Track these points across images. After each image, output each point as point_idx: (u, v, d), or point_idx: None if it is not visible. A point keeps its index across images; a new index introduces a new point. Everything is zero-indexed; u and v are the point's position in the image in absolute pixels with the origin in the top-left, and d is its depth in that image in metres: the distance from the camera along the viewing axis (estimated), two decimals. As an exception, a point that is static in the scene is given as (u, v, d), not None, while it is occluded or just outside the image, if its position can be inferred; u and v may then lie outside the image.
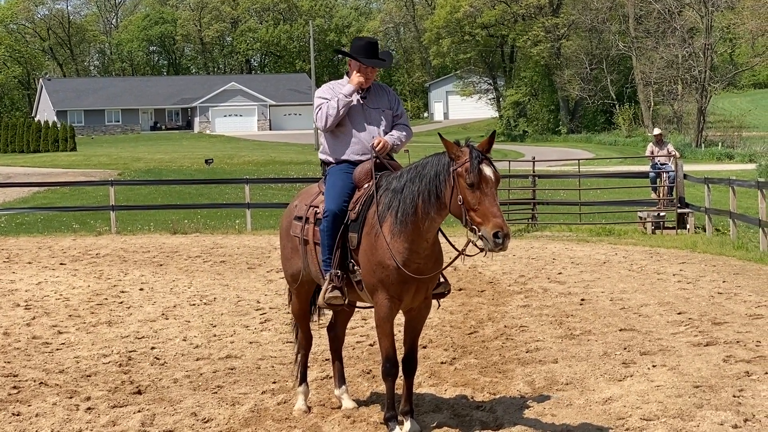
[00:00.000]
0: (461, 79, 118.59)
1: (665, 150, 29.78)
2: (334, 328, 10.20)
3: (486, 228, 8.09)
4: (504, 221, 8.15)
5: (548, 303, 15.99)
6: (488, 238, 8.07)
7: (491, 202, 8.17)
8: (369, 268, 8.78)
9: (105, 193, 35.22)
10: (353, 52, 9.33)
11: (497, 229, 8.03)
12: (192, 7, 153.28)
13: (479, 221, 8.16)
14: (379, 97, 9.47)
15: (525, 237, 26.78)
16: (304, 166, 60.80)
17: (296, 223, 9.55)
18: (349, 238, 8.97)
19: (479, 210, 8.16)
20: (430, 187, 8.44)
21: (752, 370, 10.96)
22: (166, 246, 25.38)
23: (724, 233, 26.17)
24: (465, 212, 8.24)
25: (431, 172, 8.49)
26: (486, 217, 8.11)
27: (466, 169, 8.22)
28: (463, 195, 8.24)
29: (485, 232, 8.09)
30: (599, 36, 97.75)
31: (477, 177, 8.18)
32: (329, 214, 9.00)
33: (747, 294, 16.52)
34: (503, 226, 8.08)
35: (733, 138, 77.63)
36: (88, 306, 16.40)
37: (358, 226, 8.92)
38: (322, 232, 9.03)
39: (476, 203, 8.18)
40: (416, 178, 8.57)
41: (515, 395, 10.32)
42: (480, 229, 8.13)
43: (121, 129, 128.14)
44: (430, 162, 8.59)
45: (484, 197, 8.17)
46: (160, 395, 10.63)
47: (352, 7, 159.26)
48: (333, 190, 9.15)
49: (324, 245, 9.03)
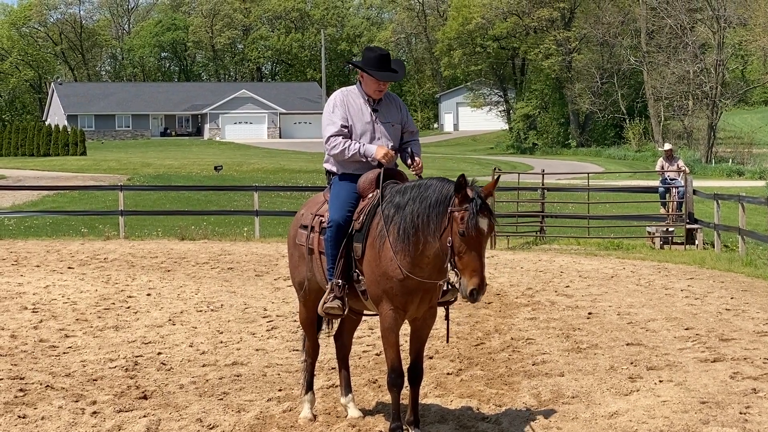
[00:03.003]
0: (472, 91, 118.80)
1: (675, 165, 29.76)
2: (341, 337, 10.19)
3: (465, 279, 8.24)
4: (483, 277, 8.28)
5: (555, 316, 15.97)
6: (464, 290, 8.25)
7: (477, 255, 8.26)
8: (373, 279, 8.81)
9: (114, 197, 35.29)
10: (365, 64, 9.31)
11: (474, 287, 8.20)
12: (204, 14, 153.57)
13: (461, 268, 8.28)
14: (390, 110, 9.45)
15: (533, 250, 26.75)
16: (314, 174, 60.83)
17: (302, 232, 9.56)
18: (354, 249, 8.99)
19: (464, 259, 8.26)
20: (429, 213, 8.48)
21: (759, 387, 10.93)
22: (174, 252, 25.40)
23: (733, 249, 26.13)
24: (451, 253, 8.33)
25: (432, 197, 8.52)
26: (468, 268, 8.24)
27: (462, 218, 8.27)
28: (453, 238, 8.32)
29: (463, 283, 8.25)
30: (611, 50, 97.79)
31: (470, 230, 8.25)
32: (333, 224, 9.03)
33: (755, 311, 16.48)
34: (481, 283, 8.23)
35: (744, 154, 77.59)
36: (96, 310, 16.41)
37: (362, 237, 8.94)
38: (326, 241, 9.06)
39: (463, 252, 8.27)
40: (418, 199, 8.59)
41: (521, 408, 10.30)
42: (460, 276, 8.28)
43: (131, 134, 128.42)
44: (433, 186, 8.60)
45: (471, 249, 8.27)
46: (166, 401, 10.63)
47: (363, 16, 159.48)
48: (337, 200, 9.17)
49: (328, 255, 9.06)
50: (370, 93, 9.39)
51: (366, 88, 9.41)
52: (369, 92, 9.39)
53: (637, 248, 27.50)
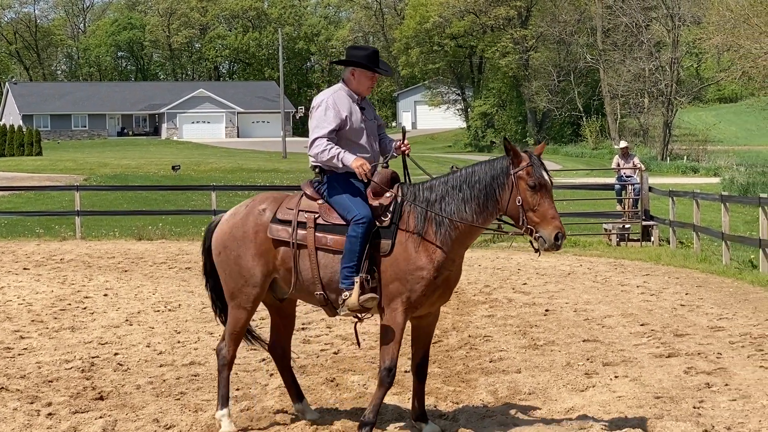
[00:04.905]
0: (430, 89, 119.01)
1: (631, 163, 29.99)
2: (279, 346, 9.90)
3: (547, 229, 8.65)
4: (562, 223, 8.72)
5: (513, 313, 16.05)
6: (547, 239, 8.65)
7: (550, 204, 8.72)
8: (401, 276, 8.83)
9: (70, 198, 35.02)
10: (358, 61, 9.26)
11: (557, 231, 8.62)
12: (161, 13, 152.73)
13: (537, 221, 8.70)
14: (369, 107, 9.46)
15: (491, 247, 26.85)
16: (272, 173, 60.70)
17: (279, 227, 9.18)
18: (381, 246, 8.92)
19: (539, 211, 8.69)
20: (488, 191, 8.83)
21: (712, 382, 11.05)
22: (132, 252, 25.28)
23: (688, 246, 26.37)
24: (523, 212, 8.73)
25: (486, 177, 8.87)
26: (545, 218, 8.67)
27: (529, 172, 8.70)
28: (523, 197, 8.72)
29: (545, 234, 8.65)
30: (567, 48, 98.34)
31: (540, 178, 8.68)
32: (366, 221, 8.86)
33: (709, 306, 16.66)
34: (562, 228, 8.69)
35: (698, 152, 78.22)
36: (51, 311, 16.30)
37: (391, 233, 8.93)
38: (354, 238, 8.82)
39: (536, 204, 8.69)
40: (463, 186, 8.91)
41: (478, 404, 10.35)
42: (538, 230, 8.68)
43: (87, 134, 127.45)
44: (478, 170, 8.94)
45: (543, 200, 8.70)
46: (123, 401, 10.58)
47: (321, 15, 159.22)
48: (355, 198, 9.04)
49: (353, 251, 8.83)
50: (362, 90, 9.34)
51: (358, 86, 9.32)
52: (361, 90, 9.33)
53: (594, 245, 27.68)
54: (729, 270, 21.45)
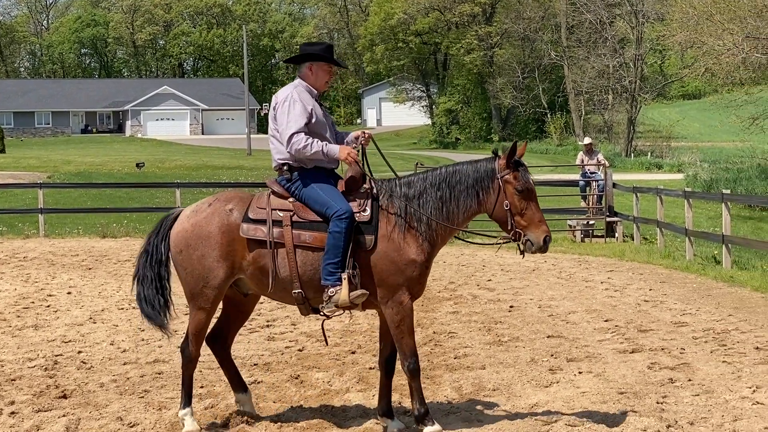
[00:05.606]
0: (394, 86, 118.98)
1: (595, 159, 30.11)
2: (220, 337, 9.70)
3: (535, 233, 8.87)
4: (548, 226, 9.00)
5: (477, 309, 16.09)
6: (535, 242, 8.86)
7: (537, 207, 8.97)
8: (394, 269, 8.89)
9: (34, 195, 34.80)
10: (314, 56, 9.27)
11: (545, 234, 8.87)
12: (124, 10, 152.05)
13: (525, 225, 8.92)
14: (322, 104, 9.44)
15: (456, 244, 26.85)
16: (236, 171, 60.55)
17: (252, 227, 9.00)
18: (365, 241, 8.89)
19: (526, 215, 8.92)
20: (470, 192, 8.98)
21: (676, 377, 11.12)
22: (96, 250, 25.15)
23: (652, 242, 26.51)
24: (510, 216, 8.92)
25: (469, 179, 9.03)
26: (533, 222, 8.90)
27: (516, 177, 8.94)
28: (510, 201, 8.93)
29: (533, 237, 8.87)
30: (532, 45, 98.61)
31: (528, 183, 8.94)
32: (348, 215, 8.79)
33: (672, 302, 16.76)
34: (549, 231, 8.96)
35: (662, 148, 78.58)
36: (15, 309, 16.19)
37: (372, 228, 8.92)
38: (338, 233, 8.72)
39: (523, 208, 8.91)
40: (441, 185, 9.03)
41: (443, 401, 10.37)
42: (526, 234, 8.89)
43: (51, 131, 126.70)
44: (461, 170, 9.09)
45: (530, 203, 8.93)
46: (86, 400, 10.53)
47: (286, 12, 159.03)
48: (332, 193, 8.98)
49: (337, 247, 8.73)
50: (320, 85, 9.34)
51: (316, 81, 9.30)
52: (319, 84, 9.32)
53: (558, 241, 27.74)
54: (692, 266, 21.59)
